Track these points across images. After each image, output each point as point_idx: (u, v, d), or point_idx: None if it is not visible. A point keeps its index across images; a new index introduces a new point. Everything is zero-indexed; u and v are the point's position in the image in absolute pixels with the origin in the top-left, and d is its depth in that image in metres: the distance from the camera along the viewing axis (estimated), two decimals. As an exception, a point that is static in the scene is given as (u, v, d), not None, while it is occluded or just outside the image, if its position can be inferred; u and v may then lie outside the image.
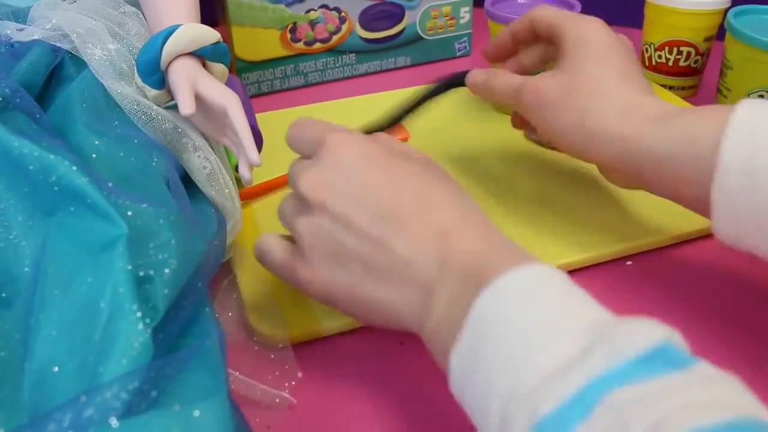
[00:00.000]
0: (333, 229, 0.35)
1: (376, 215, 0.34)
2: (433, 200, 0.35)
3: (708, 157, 0.37)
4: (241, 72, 0.74)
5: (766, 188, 0.36)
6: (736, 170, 0.36)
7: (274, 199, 0.56)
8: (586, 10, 0.70)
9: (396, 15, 0.78)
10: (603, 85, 0.43)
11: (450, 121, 0.67)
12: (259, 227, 0.52)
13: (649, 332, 0.27)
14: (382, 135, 0.41)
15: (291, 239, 0.40)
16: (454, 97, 0.71)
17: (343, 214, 0.35)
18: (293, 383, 0.40)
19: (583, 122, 0.43)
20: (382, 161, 0.36)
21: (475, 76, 0.52)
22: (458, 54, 0.84)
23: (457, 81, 0.55)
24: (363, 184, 0.35)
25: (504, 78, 0.49)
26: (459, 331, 0.31)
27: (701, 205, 0.39)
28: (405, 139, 0.64)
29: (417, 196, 0.35)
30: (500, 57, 0.55)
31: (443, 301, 0.33)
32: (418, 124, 0.66)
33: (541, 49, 0.52)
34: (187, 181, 0.47)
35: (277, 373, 0.41)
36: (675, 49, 0.71)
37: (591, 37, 0.45)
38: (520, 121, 0.56)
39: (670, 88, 0.72)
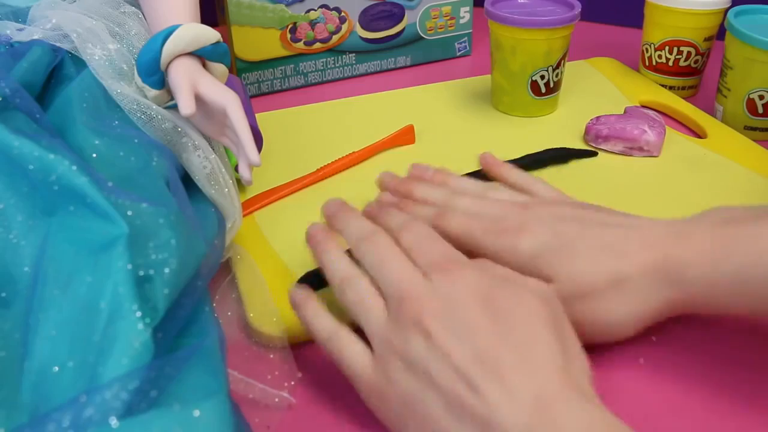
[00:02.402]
0: (427, 358, 0.34)
1: (476, 356, 0.33)
2: (537, 355, 0.33)
3: None
4: (241, 72, 0.74)
5: None
6: None
7: (276, 204, 0.56)
8: (587, 10, 0.70)
9: (396, 15, 0.78)
10: None
11: (450, 121, 0.67)
12: (262, 232, 0.52)
13: None
14: (494, 267, 0.38)
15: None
16: (454, 97, 0.72)
17: (443, 347, 0.33)
18: (293, 383, 0.40)
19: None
20: (492, 299, 0.35)
21: None
22: (458, 54, 0.84)
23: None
24: (469, 323, 0.34)
25: None
26: None
27: None
28: (410, 143, 0.64)
29: (520, 347, 0.33)
30: None
31: None
32: (419, 126, 0.66)
33: None
34: (187, 181, 0.47)
35: (276, 373, 0.41)
36: (675, 49, 0.71)
37: None
38: None
39: (670, 88, 0.72)
